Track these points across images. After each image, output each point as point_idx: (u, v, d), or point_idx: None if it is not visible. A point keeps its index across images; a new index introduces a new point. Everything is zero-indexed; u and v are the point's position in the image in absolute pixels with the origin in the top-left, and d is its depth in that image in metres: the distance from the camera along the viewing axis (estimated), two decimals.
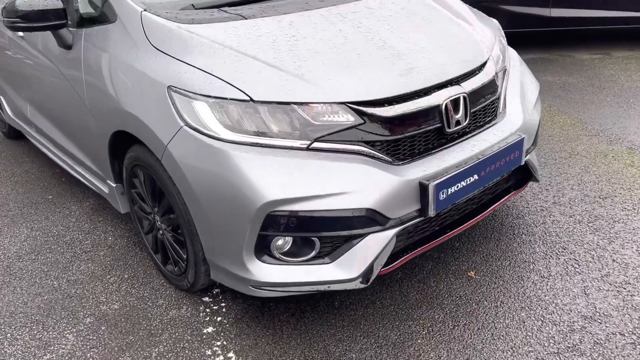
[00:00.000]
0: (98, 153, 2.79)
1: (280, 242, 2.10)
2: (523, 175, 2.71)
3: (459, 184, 2.21)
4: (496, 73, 2.54)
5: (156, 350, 2.26)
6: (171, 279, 2.62)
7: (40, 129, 3.55)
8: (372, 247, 2.10)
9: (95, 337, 2.35)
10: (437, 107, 2.21)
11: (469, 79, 2.37)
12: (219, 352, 2.23)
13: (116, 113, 2.42)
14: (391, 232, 2.11)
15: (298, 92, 2.06)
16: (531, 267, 2.60)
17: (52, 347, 2.31)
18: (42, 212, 3.44)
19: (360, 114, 2.09)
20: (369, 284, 2.14)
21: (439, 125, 2.24)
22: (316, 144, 2.05)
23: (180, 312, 2.47)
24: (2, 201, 3.63)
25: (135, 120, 2.28)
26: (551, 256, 2.66)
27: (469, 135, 2.36)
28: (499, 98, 2.54)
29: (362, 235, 2.09)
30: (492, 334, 2.22)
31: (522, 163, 2.49)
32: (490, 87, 2.48)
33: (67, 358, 2.25)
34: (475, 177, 2.27)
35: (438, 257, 2.71)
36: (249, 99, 2.03)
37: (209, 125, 2.04)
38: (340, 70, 2.15)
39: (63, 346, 2.32)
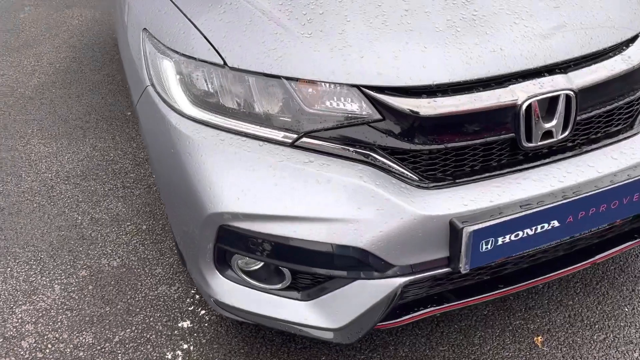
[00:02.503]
0: None
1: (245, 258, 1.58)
2: None
3: (520, 233, 1.45)
4: None
5: (122, 333, 1.96)
6: None
7: None
8: (363, 295, 1.49)
9: (77, 297, 2.13)
10: (512, 108, 1.42)
11: (587, 65, 1.49)
12: (180, 359, 1.85)
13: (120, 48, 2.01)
14: (394, 282, 1.46)
15: (293, 62, 1.42)
16: (636, 354, 1.75)
17: (35, 297, 2.14)
18: (113, 130, 3.28)
19: (380, 105, 1.40)
20: (354, 341, 1.55)
21: (511, 135, 1.45)
22: (305, 140, 1.43)
23: (170, 290, 2.12)
24: (87, 109, 3.55)
25: (122, 63, 1.84)
26: None
27: (568, 153, 1.53)
28: None
29: (351, 279, 1.48)
30: None
31: None
32: (630, 82, 1.56)
33: (40, 314, 2.07)
34: (555, 223, 1.47)
35: (503, 301, 1.97)
36: (222, 62, 1.46)
37: (170, 91, 1.52)
38: (369, 34, 1.44)
39: (45, 299, 2.13)
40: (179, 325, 1.98)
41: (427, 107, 1.39)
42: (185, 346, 1.90)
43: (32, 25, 4.84)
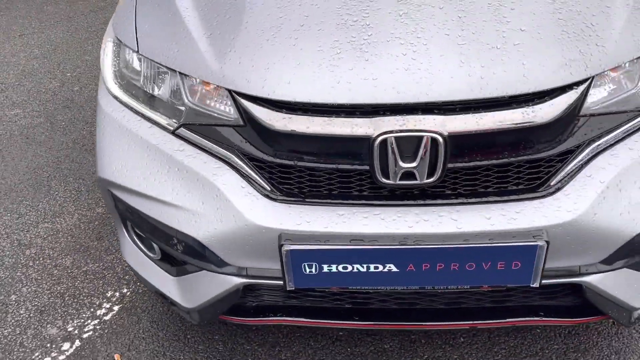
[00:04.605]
0: None
1: None
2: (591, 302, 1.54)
3: (349, 267, 1.40)
4: (577, 116, 1.40)
5: (91, 266, 2.31)
6: None
7: None
8: (208, 285, 1.59)
9: (83, 228, 2.52)
10: (366, 141, 1.37)
11: (475, 111, 1.36)
12: (115, 299, 2.14)
13: None
14: (233, 280, 1.54)
15: (186, 59, 1.55)
16: None
17: (58, 219, 2.60)
18: None
19: (244, 111, 1.47)
20: (204, 324, 1.66)
21: (365, 168, 1.41)
22: (183, 131, 1.56)
23: None
24: None
25: None
26: None
27: (439, 201, 1.42)
28: (560, 161, 1.41)
29: (198, 267, 1.58)
30: None
31: (534, 284, 1.40)
32: (531, 139, 1.38)
33: (51, 233, 2.50)
34: (393, 268, 1.40)
35: (411, 342, 1.87)
36: (136, 49, 1.64)
37: (105, 69, 1.75)
38: (255, 43, 1.50)
39: (62, 222, 2.57)
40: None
41: (280, 121, 1.42)
42: (125, 290, 2.18)
43: None
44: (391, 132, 1.35)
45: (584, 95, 1.39)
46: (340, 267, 1.41)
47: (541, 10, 1.47)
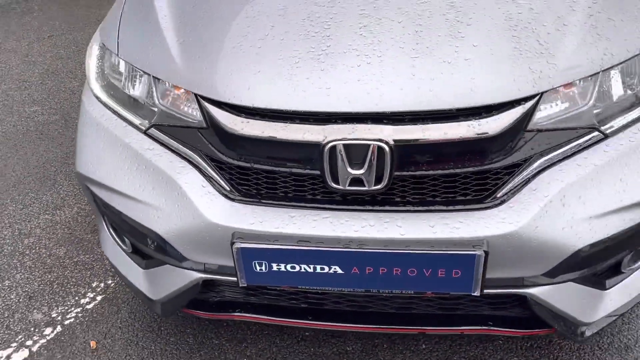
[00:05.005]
0: None
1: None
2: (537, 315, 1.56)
3: (297, 266, 1.47)
4: (524, 131, 1.43)
5: (82, 257, 2.42)
6: None
7: None
8: (170, 278, 1.67)
9: (79, 221, 2.65)
10: (317, 147, 1.44)
11: (422, 122, 1.41)
12: (99, 289, 2.24)
13: None
14: (192, 275, 1.61)
15: (158, 63, 1.64)
16: None
17: (58, 212, 2.73)
18: None
19: (207, 114, 1.55)
20: (167, 316, 1.74)
21: (317, 172, 1.47)
22: (154, 131, 1.65)
23: None
24: None
25: None
26: None
27: (387, 207, 1.47)
28: (507, 174, 1.45)
29: (161, 261, 1.66)
30: None
31: (475, 293, 1.43)
32: (476, 151, 1.42)
33: (50, 224, 2.64)
34: (338, 270, 1.46)
35: (373, 347, 1.91)
36: (117, 51, 1.74)
37: (89, 69, 1.86)
38: (222, 50, 1.58)
39: (61, 215, 2.70)
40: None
41: (238, 125, 1.49)
42: (110, 281, 2.28)
43: None
44: (341, 139, 1.41)
45: (532, 110, 1.43)
46: (288, 267, 1.47)
47: (497, 27, 1.51)
